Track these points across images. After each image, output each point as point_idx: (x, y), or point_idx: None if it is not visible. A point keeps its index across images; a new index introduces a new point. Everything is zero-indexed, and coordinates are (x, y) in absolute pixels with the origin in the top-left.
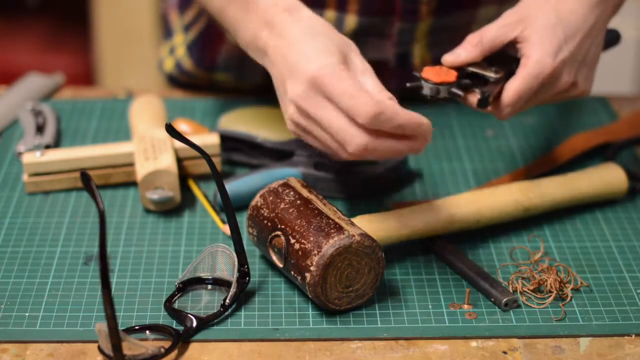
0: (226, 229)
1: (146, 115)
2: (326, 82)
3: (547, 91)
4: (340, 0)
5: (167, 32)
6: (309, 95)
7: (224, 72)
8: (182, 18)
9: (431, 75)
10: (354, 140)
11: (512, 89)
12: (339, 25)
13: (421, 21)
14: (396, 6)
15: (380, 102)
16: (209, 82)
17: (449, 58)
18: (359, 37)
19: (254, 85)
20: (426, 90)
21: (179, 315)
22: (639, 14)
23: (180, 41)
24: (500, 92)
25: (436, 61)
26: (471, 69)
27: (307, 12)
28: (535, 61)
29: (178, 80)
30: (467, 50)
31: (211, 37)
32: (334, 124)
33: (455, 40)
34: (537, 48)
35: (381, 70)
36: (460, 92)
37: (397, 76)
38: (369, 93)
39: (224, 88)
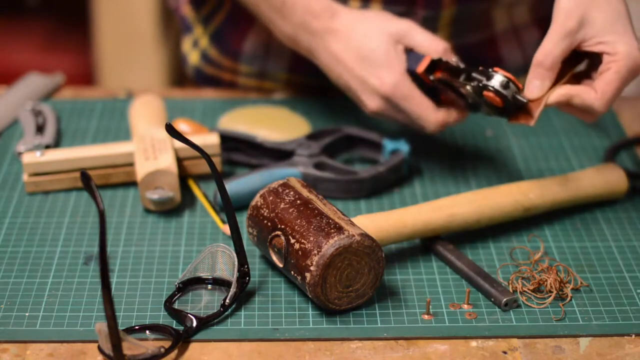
0: (226, 229)
1: (146, 115)
2: (397, 100)
3: (631, 81)
4: None
5: (185, 27)
6: (385, 108)
7: (249, 63)
8: (199, 11)
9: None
10: (430, 129)
11: (610, 86)
12: None
13: (444, 9)
14: None
15: (441, 121)
16: (233, 73)
17: (536, 92)
18: None
19: (276, 81)
20: (495, 82)
21: (179, 315)
22: (639, 14)
23: (201, 32)
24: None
25: (459, 50)
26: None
27: (345, 12)
28: (625, 56)
29: (204, 74)
30: (549, 78)
31: (236, 25)
32: (410, 122)
33: (477, 29)
34: (620, 43)
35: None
36: (524, 100)
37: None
38: (432, 110)
39: (245, 86)
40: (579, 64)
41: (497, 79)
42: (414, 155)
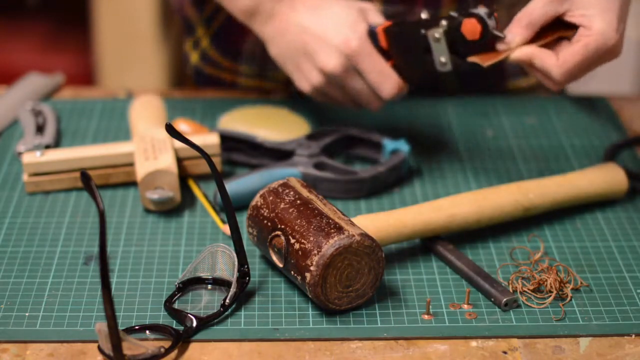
0: (226, 229)
1: (146, 115)
2: (359, 59)
3: (602, 62)
4: None
5: (188, 28)
6: (343, 68)
7: (249, 63)
8: (201, 12)
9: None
10: (374, 104)
11: (573, 57)
12: None
13: (444, 8)
14: None
15: (399, 83)
16: (233, 73)
17: (503, 46)
18: None
19: (276, 81)
20: (481, 10)
21: (179, 315)
22: (639, 14)
23: (202, 33)
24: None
25: None
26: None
27: None
28: (598, 32)
29: (203, 74)
30: (520, 34)
31: (236, 26)
32: (360, 89)
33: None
34: (598, 19)
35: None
36: (501, 34)
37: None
38: (391, 73)
39: (245, 86)
40: (562, 32)
41: (483, 9)
42: (414, 155)
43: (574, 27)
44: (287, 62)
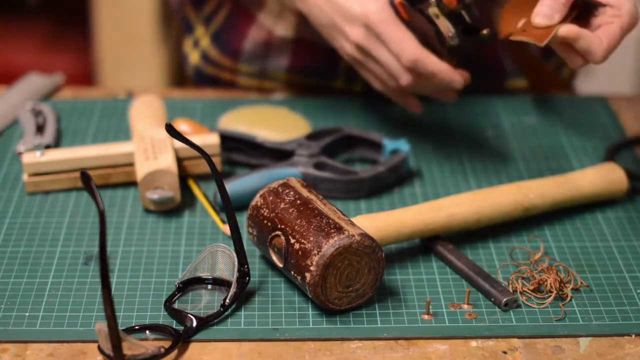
0: (226, 229)
1: (146, 115)
2: (380, 29)
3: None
4: None
5: (187, 27)
6: (367, 37)
7: (249, 62)
8: (201, 11)
9: None
10: (403, 77)
11: (614, 41)
12: None
13: None
14: None
15: (419, 51)
16: (233, 73)
17: (542, 21)
18: None
19: (276, 81)
20: None
21: (179, 315)
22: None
23: (202, 33)
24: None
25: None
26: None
27: None
28: (629, 12)
29: (203, 74)
30: (560, 12)
31: (236, 24)
32: (388, 60)
33: (481, 22)
34: (625, 0)
35: None
36: (476, 12)
37: None
38: (412, 41)
39: (245, 86)
40: (578, 10)
41: None
42: (414, 155)
43: (591, 6)
44: (325, 35)
